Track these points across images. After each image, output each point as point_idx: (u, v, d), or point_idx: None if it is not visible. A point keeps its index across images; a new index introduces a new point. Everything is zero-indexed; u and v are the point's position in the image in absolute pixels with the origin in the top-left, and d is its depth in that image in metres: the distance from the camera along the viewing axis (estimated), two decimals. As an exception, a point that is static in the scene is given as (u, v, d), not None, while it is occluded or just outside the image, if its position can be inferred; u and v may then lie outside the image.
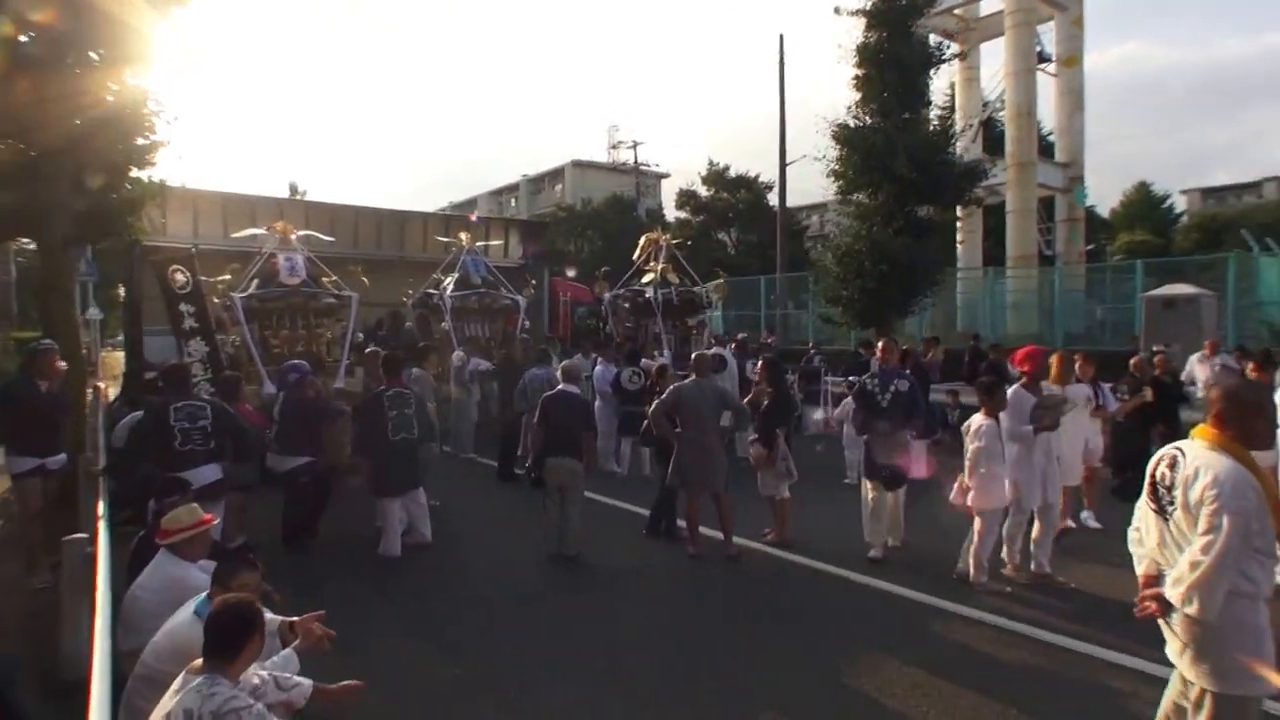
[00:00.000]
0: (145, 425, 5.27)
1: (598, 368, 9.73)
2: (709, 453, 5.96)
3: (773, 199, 31.31)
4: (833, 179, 14.83)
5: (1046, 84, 24.98)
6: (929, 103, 13.91)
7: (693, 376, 6.10)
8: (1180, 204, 50.88)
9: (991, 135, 27.11)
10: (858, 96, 14.47)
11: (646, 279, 14.92)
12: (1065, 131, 25.46)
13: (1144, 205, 44.14)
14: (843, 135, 14.14)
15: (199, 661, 2.56)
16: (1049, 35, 25.36)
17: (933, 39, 14.70)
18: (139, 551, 4.16)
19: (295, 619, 3.19)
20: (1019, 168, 22.17)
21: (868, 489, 6.09)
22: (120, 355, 19.49)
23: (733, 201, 28.69)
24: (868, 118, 14.10)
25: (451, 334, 12.05)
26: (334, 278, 10.22)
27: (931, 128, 13.73)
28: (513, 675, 4.20)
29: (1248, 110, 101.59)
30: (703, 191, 31.37)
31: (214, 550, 3.99)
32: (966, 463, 5.43)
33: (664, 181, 44.17)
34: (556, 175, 45.34)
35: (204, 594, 3.24)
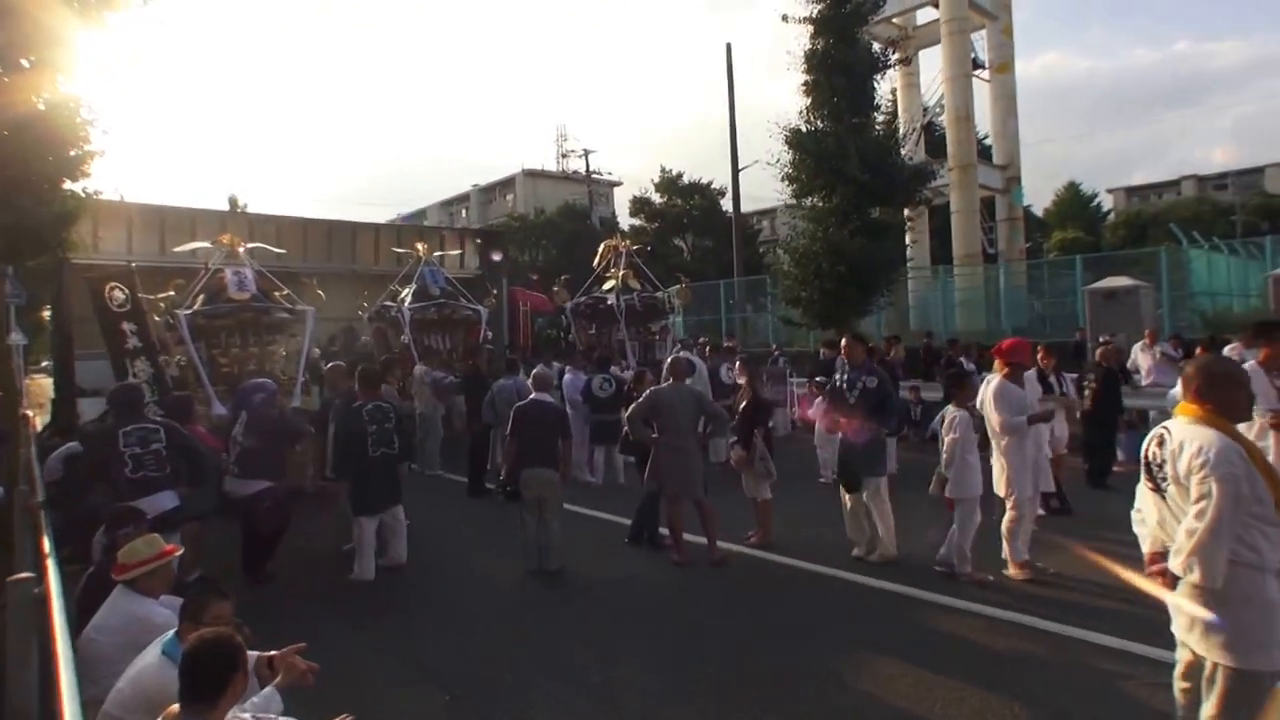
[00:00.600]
0: (92, 452, 4.90)
1: (567, 376, 9.57)
2: (688, 457, 5.87)
3: (725, 204, 31.68)
4: (786, 183, 15.01)
5: (982, 90, 25.98)
6: (876, 107, 14.18)
7: (670, 381, 6.01)
8: (1107, 202, 53.65)
9: (932, 139, 27.95)
10: (807, 102, 14.72)
11: (608, 286, 14.84)
12: (1001, 135, 26.43)
13: (1074, 204, 46.23)
14: (795, 139, 14.33)
15: (175, 708, 2.34)
16: (981, 43, 26.39)
17: (875, 47, 14.95)
18: (89, 591, 3.86)
19: (274, 653, 2.97)
20: (961, 170, 22.91)
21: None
22: (47, 382, 18.41)
23: (686, 208, 28.83)
24: (819, 122, 14.32)
25: (412, 347, 11.73)
26: (286, 291, 9.83)
27: (878, 131, 14.01)
28: (505, 698, 4.02)
29: (1156, 114, 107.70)
30: (656, 198, 31.48)
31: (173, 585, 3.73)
32: (944, 454, 5.48)
33: (615, 190, 44.20)
34: (508, 185, 44.88)
35: (171, 632, 2.99)
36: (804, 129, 14.07)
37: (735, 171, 22.86)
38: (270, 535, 6.03)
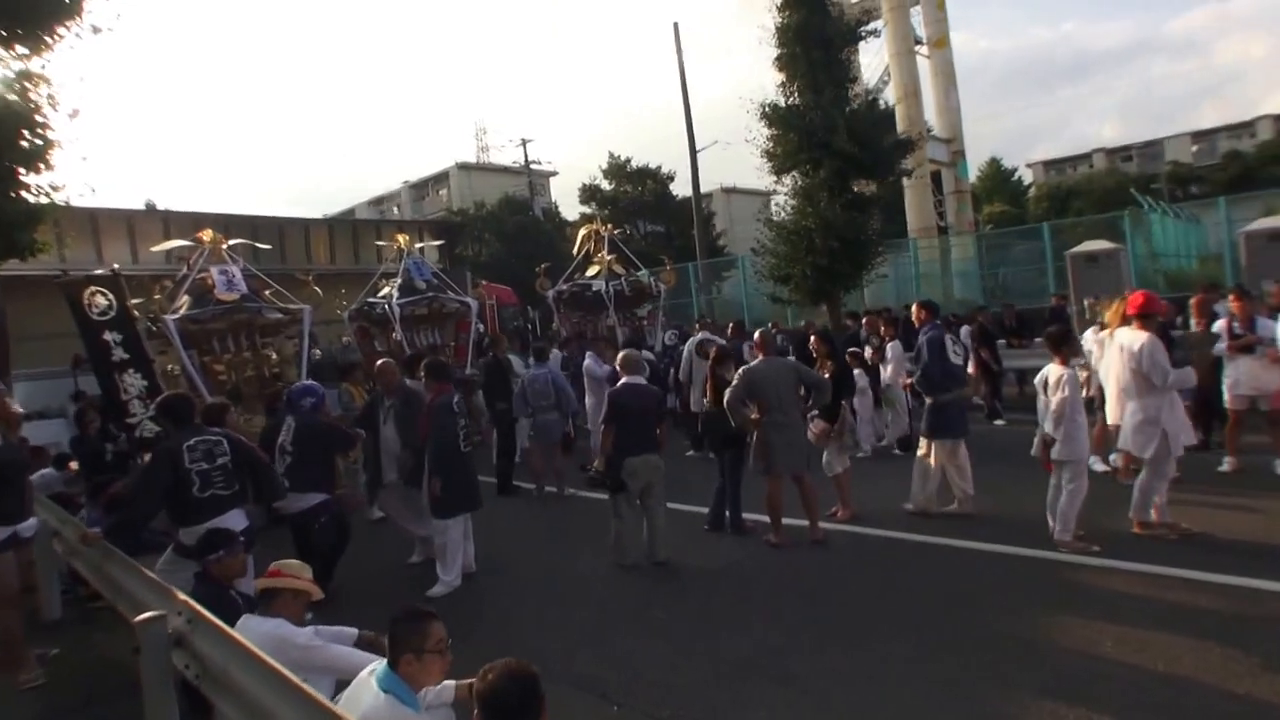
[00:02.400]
0: (155, 473, 4.23)
1: (588, 362, 9.13)
2: (794, 432, 5.61)
3: (675, 189, 31.54)
4: (766, 159, 14.89)
5: (922, 66, 26.61)
6: (854, 78, 14.19)
7: (760, 356, 5.72)
8: (1027, 176, 56.26)
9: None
10: (780, 77, 14.64)
11: (592, 272, 14.42)
12: (943, 109, 27.18)
13: (997, 179, 48.29)
14: (775, 115, 14.19)
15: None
16: (918, 19, 27.02)
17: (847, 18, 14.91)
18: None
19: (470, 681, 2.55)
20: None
21: (928, 448, 6.03)
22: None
23: (639, 193, 28.48)
24: (795, 96, 14.21)
25: (405, 344, 10.99)
26: (275, 287, 9.00)
27: (858, 103, 14.03)
28: (688, 701, 3.65)
29: (1055, 91, 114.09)
30: (605, 185, 30.98)
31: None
32: (1051, 415, 5.35)
33: (552, 180, 43.34)
34: (440, 179, 43.34)
35: (382, 664, 2.54)
36: (784, 104, 13.94)
37: (693, 152, 22.69)
38: (330, 553, 5.43)
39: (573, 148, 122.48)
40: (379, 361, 6.35)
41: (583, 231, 14.80)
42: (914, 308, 7.04)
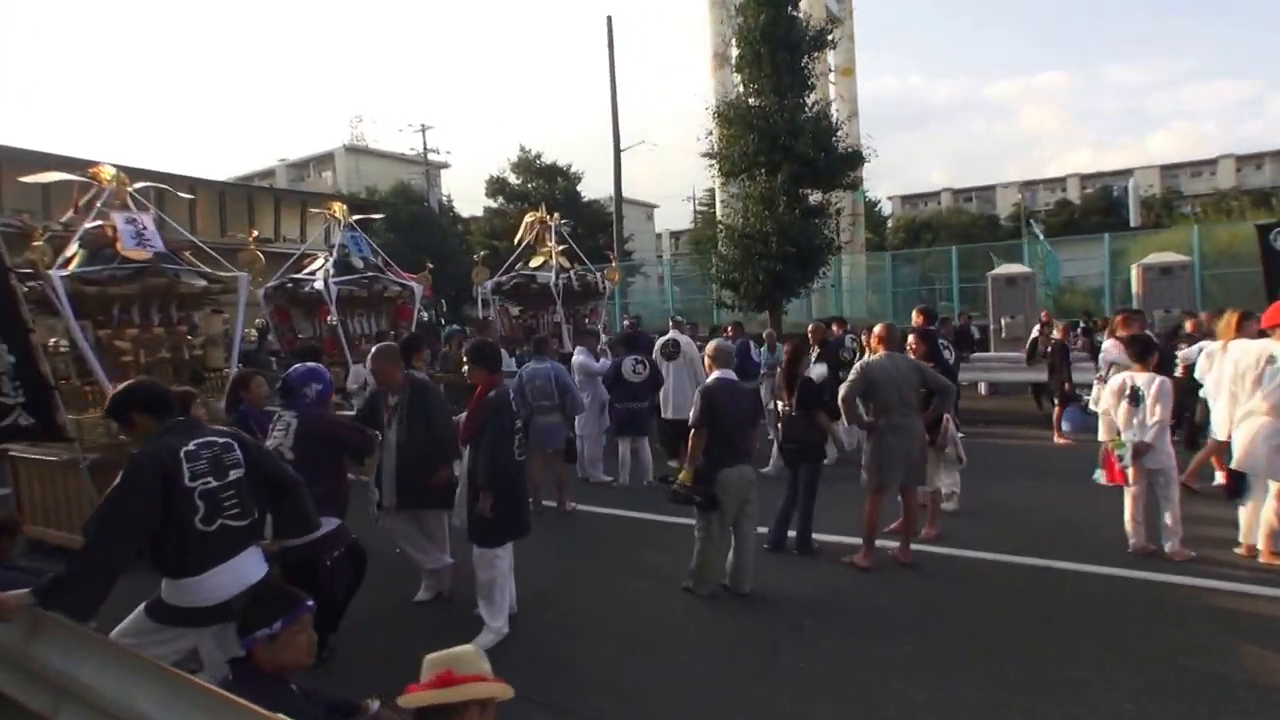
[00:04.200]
0: (134, 494, 2.72)
1: (581, 357, 8.05)
2: (912, 437, 4.95)
3: (584, 190, 30.59)
4: (716, 161, 14.46)
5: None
6: (812, 85, 14.07)
7: (881, 351, 5.01)
8: (886, 208, 60.78)
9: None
10: (737, 78, 14.31)
11: (536, 263, 13.25)
12: (846, 135, 28.34)
13: (865, 208, 51.63)
14: (733, 115, 13.78)
15: None
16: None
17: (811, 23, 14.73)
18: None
19: None
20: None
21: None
22: None
23: (550, 191, 27.21)
24: (753, 99, 13.89)
25: (340, 330, 9.33)
26: (200, 245, 7.19)
27: (815, 110, 13.91)
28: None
29: (899, 135, 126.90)
30: (513, 179, 29.39)
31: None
32: (1155, 424, 5.09)
33: (444, 172, 40.89)
34: (324, 160, 39.45)
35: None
36: (749, 104, 13.56)
37: (618, 151, 21.95)
38: (343, 597, 4.06)
39: (468, 142, 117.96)
40: (379, 344, 4.95)
41: (527, 219, 13.59)
42: (914, 313, 7.45)
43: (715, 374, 4.71)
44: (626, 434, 7.84)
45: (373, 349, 4.82)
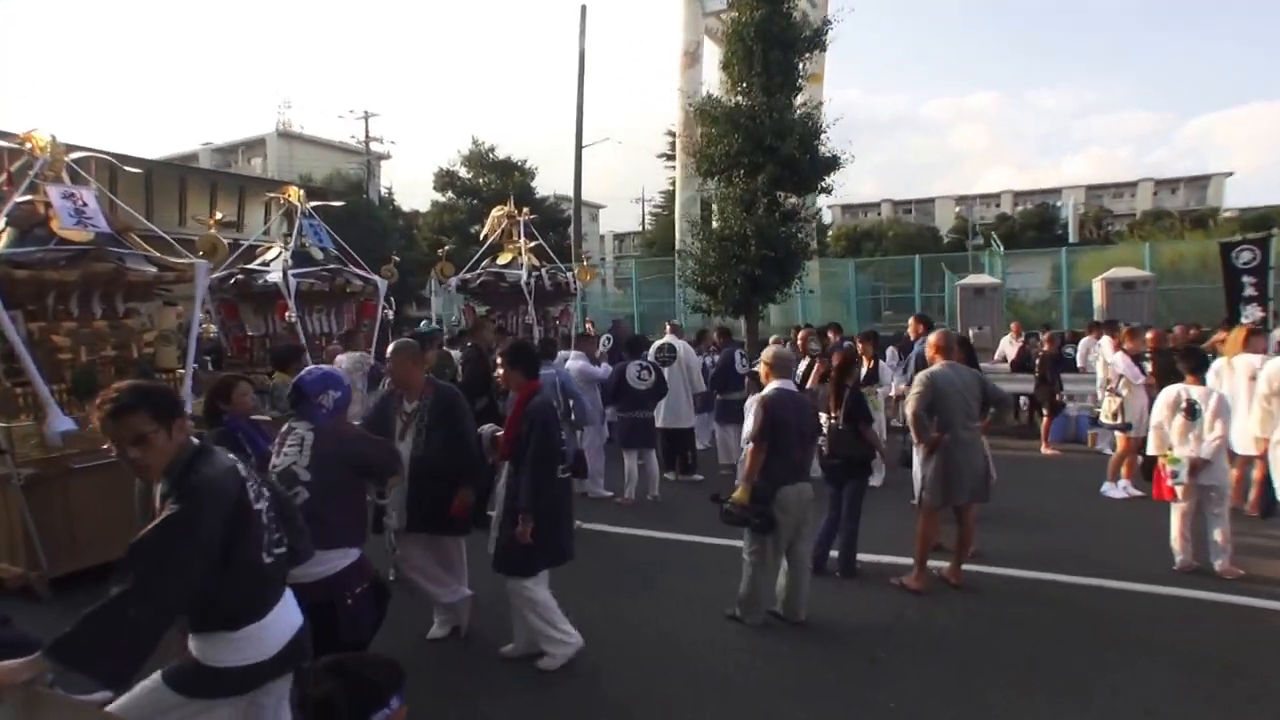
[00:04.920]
0: (195, 526, 2.02)
1: (579, 362, 7.46)
2: (976, 452, 4.62)
3: (537, 185, 29.78)
4: (698, 159, 14.07)
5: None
6: (799, 88, 13.80)
7: (940, 360, 4.64)
8: (827, 216, 62.22)
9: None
10: (721, 75, 13.99)
11: (504, 260, 12.53)
12: (829, 138, 28.52)
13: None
14: (719, 113, 13.41)
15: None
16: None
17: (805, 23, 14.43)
18: None
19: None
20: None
21: None
22: None
23: (503, 186, 26.25)
24: (739, 98, 13.55)
25: (299, 328, 8.44)
26: (144, 228, 6.28)
27: (802, 111, 13.64)
28: None
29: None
30: (463, 172, 28.29)
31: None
32: (1214, 439, 4.94)
33: (384, 164, 39.16)
34: (255, 146, 37.10)
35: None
36: (741, 102, 13.18)
37: (579, 147, 21.35)
38: (365, 643, 3.39)
39: (413, 134, 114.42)
40: (399, 341, 4.27)
41: (495, 213, 12.82)
42: (911, 321, 7.78)
43: (774, 384, 4.25)
44: (634, 446, 7.26)
45: (391, 345, 4.15)
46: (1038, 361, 10.44)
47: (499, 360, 4.01)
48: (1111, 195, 59.91)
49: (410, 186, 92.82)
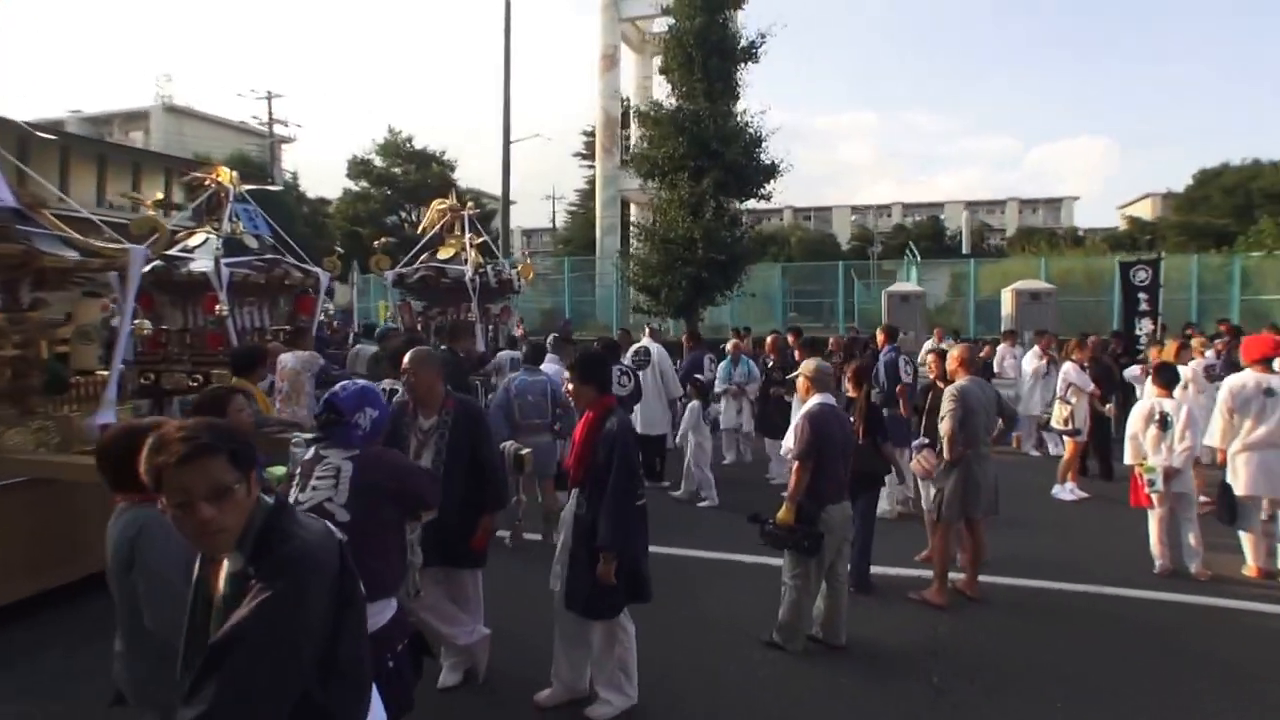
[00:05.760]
0: (308, 599, 1.53)
1: (556, 366, 7.04)
2: (991, 467, 4.62)
3: (457, 177, 28.62)
4: (639, 162, 13.93)
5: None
6: (738, 95, 13.90)
7: (963, 375, 4.60)
8: (737, 220, 63.96)
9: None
10: (660, 80, 13.93)
11: (446, 254, 11.83)
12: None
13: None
14: (662, 117, 13.30)
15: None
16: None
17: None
18: None
19: None
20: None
21: None
22: None
23: (421, 178, 25.04)
24: (682, 101, 13.51)
25: (230, 323, 7.55)
26: (63, 208, 5.37)
27: (743, 119, 13.75)
28: None
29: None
30: (378, 161, 26.75)
31: None
32: (1184, 449, 5.23)
33: (285, 148, 36.58)
34: (136, 119, 33.52)
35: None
36: (686, 107, 13.12)
37: (507, 143, 20.65)
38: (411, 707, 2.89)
39: (320, 118, 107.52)
40: (416, 348, 3.75)
41: (437, 206, 12.10)
42: (877, 331, 7.99)
43: (816, 399, 4.06)
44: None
45: (409, 353, 3.63)
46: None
47: (568, 374, 3.62)
48: (985, 211, 64.93)
49: (316, 171, 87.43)
